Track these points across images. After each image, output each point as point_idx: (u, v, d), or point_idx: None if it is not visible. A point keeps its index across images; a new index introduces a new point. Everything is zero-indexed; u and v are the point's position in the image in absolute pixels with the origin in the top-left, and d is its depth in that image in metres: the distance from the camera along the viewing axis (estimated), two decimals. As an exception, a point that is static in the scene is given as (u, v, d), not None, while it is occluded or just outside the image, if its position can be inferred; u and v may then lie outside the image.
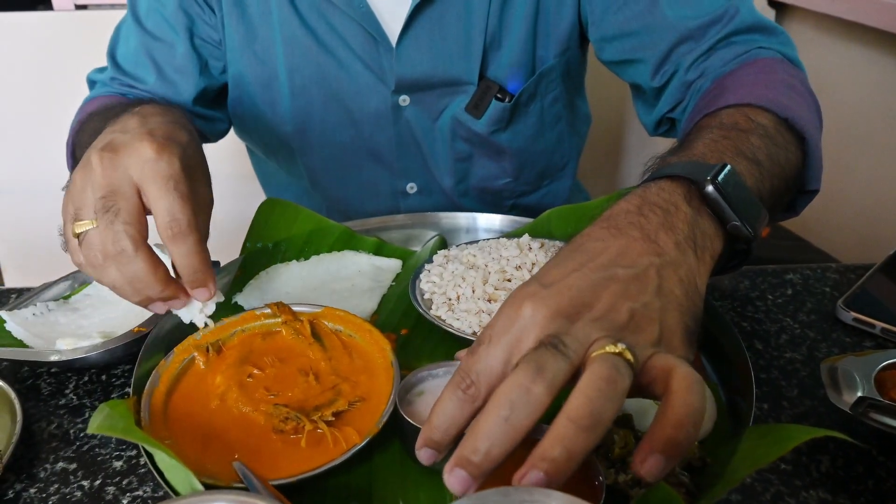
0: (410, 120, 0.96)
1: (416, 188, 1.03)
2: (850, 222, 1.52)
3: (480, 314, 0.65)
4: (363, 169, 1.01)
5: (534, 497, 0.39)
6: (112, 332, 0.71)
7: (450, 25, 0.89)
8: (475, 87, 0.92)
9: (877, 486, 0.55)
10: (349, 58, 0.91)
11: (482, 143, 0.98)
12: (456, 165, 1.01)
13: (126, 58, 0.94)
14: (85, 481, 0.58)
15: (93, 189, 0.54)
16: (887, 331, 0.73)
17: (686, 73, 0.82)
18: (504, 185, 1.04)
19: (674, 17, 0.82)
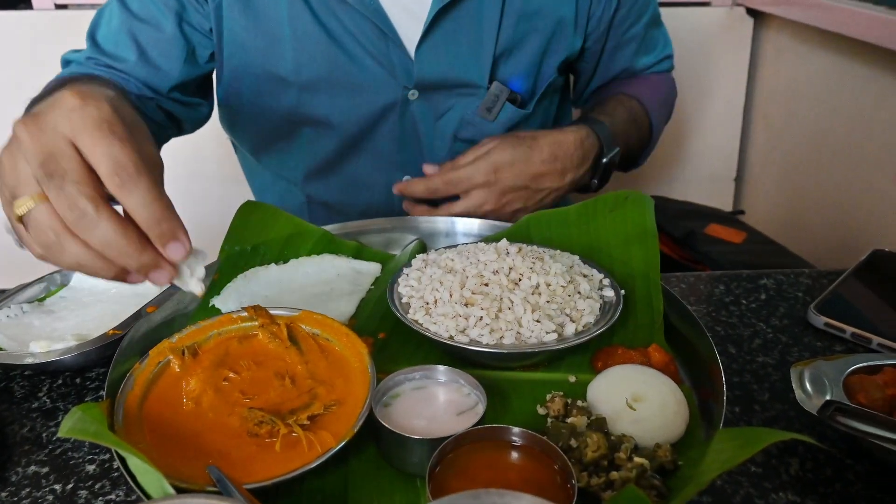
0: (415, 114, 0.98)
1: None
2: (826, 228, 1.55)
3: (457, 318, 0.66)
4: (361, 161, 1.03)
5: (504, 500, 0.39)
6: (87, 334, 0.70)
7: (464, 32, 0.93)
8: (485, 90, 0.97)
9: (844, 488, 0.56)
10: (360, 53, 0.93)
11: None
12: None
13: (107, 38, 0.92)
14: (57, 485, 0.57)
15: (27, 160, 0.47)
16: (857, 335, 0.74)
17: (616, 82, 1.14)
18: None
19: (638, 65, 1.12)
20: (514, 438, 0.54)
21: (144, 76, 0.91)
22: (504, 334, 0.65)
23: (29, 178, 0.47)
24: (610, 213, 0.84)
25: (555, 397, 0.61)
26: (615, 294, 0.71)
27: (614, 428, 0.58)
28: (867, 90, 1.42)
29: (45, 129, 0.47)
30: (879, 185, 1.39)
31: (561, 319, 0.67)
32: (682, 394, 0.62)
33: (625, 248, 0.80)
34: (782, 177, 1.72)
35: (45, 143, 0.46)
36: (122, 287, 0.81)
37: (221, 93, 0.99)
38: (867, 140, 1.42)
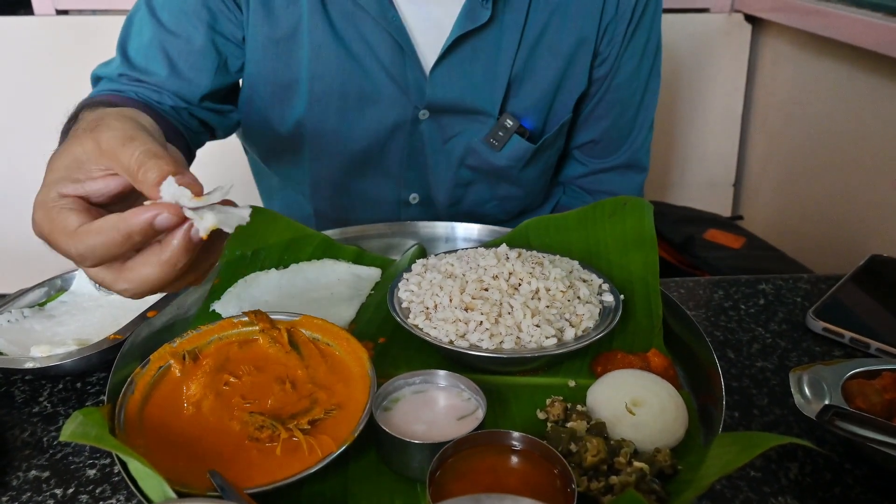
0: (424, 134, 0.98)
1: (419, 199, 1.04)
2: (824, 233, 1.55)
3: (457, 323, 0.66)
4: (369, 177, 1.03)
5: (505, 503, 0.39)
6: (87, 339, 0.70)
7: (480, 59, 0.93)
8: (494, 119, 0.97)
9: (843, 493, 0.56)
10: (375, 67, 0.92)
11: (491, 173, 1.02)
12: (454, 190, 1.04)
13: (138, 51, 0.92)
14: (58, 489, 0.58)
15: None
16: (856, 340, 0.75)
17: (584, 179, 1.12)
18: (489, 210, 1.08)
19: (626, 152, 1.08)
20: (513, 443, 0.54)
21: (176, 89, 0.91)
22: (504, 339, 0.65)
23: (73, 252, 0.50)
24: (609, 219, 0.84)
25: (554, 402, 0.62)
26: (614, 299, 0.72)
27: (614, 432, 0.58)
28: (865, 96, 1.42)
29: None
30: (877, 190, 1.39)
31: (560, 324, 0.67)
32: (681, 398, 0.62)
33: (624, 254, 0.80)
34: (780, 182, 1.73)
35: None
36: (122, 292, 0.81)
37: (240, 99, 0.99)
38: (865, 146, 1.43)
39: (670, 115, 1.81)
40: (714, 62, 1.79)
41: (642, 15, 0.97)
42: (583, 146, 1.09)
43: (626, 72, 1.00)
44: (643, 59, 1.01)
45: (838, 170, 1.50)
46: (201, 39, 0.91)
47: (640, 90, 1.04)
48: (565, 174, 1.14)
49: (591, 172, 1.11)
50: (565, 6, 0.93)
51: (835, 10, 1.42)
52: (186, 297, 0.78)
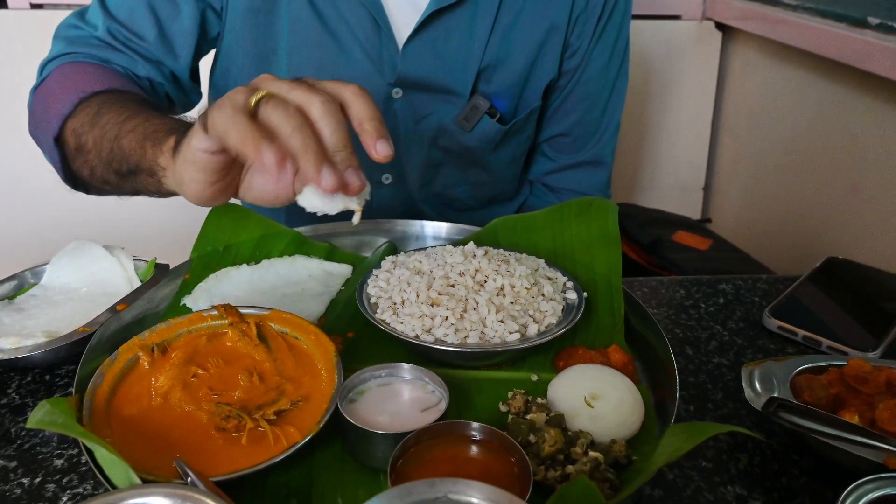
0: (398, 113, 0.99)
1: (391, 179, 1.06)
2: (786, 236, 1.59)
3: (423, 318, 0.68)
4: None
5: (458, 487, 0.41)
6: (57, 332, 0.71)
7: (454, 38, 0.95)
8: (465, 100, 0.98)
9: (790, 482, 0.59)
10: (351, 43, 0.94)
11: (461, 154, 1.04)
12: (426, 170, 1.06)
13: (120, 6, 0.89)
14: (25, 479, 0.58)
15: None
16: (808, 338, 0.78)
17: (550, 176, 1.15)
18: (459, 193, 1.10)
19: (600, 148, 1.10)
20: (473, 433, 0.56)
21: (159, 57, 0.90)
22: (469, 334, 0.67)
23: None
24: (575, 219, 0.86)
25: (516, 395, 0.64)
26: (578, 297, 0.74)
27: (572, 424, 0.60)
28: (828, 103, 1.47)
29: None
30: (837, 194, 1.43)
31: (524, 320, 0.69)
32: (638, 393, 0.64)
33: (588, 253, 0.83)
34: (747, 186, 1.77)
35: None
36: (92, 286, 0.81)
37: (215, 73, 0.99)
38: (827, 152, 1.47)
39: (642, 120, 1.85)
40: (685, 68, 1.83)
41: (612, 13, 1.00)
42: (551, 139, 1.11)
43: (596, 68, 1.03)
44: (612, 58, 1.04)
45: (802, 175, 1.55)
46: (190, 5, 0.90)
47: (608, 88, 1.07)
48: (534, 171, 1.16)
49: (558, 168, 1.13)
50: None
51: (802, 20, 1.46)
52: (157, 291, 0.78)
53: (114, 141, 0.74)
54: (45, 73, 0.90)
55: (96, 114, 0.78)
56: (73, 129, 0.80)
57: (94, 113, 0.78)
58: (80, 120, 0.80)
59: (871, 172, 1.35)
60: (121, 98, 0.80)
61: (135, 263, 0.83)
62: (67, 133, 0.81)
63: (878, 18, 1.28)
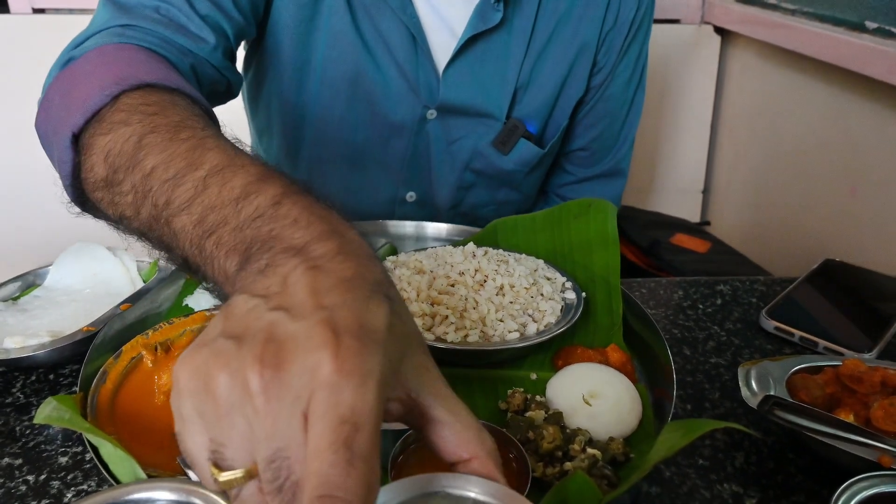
0: (430, 134, 0.99)
1: (416, 197, 1.06)
2: (785, 239, 1.60)
3: (424, 317, 0.68)
4: (368, 171, 1.04)
5: (457, 482, 0.42)
6: (61, 332, 0.72)
7: (490, 62, 0.95)
8: (501, 123, 0.99)
9: (785, 480, 0.60)
10: (388, 62, 0.94)
11: (495, 177, 1.04)
12: (456, 192, 1.06)
13: None
14: (30, 476, 0.59)
15: (249, 424, 0.32)
16: (805, 339, 0.78)
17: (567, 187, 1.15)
18: (486, 213, 1.11)
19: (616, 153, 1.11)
20: (473, 430, 0.56)
21: (238, 22, 0.81)
22: (469, 332, 0.67)
23: (246, 450, 0.33)
24: (574, 220, 0.87)
25: (515, 393, 0.64)
26: (576, 296, 0.75)
27: (570, 422, 0.61)
28: (826, 107, 1.48)
29: (283, 395, 0.32)
30: (835, 197, 1.44)
31: (524, 319, 0.70)
32: (636, 391, 0.65)
33: (587, 254, 0.83)
34: (746, 189, 1.78)
35: (279, 423, 0.32)
36: (96, 287, 0.82)
37: (265, 51, 0.98)
38: (826, 155, 1.48)
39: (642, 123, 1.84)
40: (684, 72, 1.84)
41: (638, 29, 1.02)
42: (571, 154, 1.12)
43: (619, 84, 1.04)
44: (633, 73, 1.05)
45: (800, 178, 1.56)
46: None
47: (627, 103, 1.08)
48: (551, 182, 1.17)
49: (575, 181, 1.14)
50: (570, 14, 0.97)
51: (800, 24, 1.47)
52: (159, 291, 0.79)
53: (162, 210, 0.47)
54: (79, 51, 0.67)
55: (138, 144, 0.51)
56: (107, 150, 0.54)
57: (136, 141, 0.52)
58: (115, 141, 0.53)
59: (869, 176, 1.36)
60: (171, 118, 0.53)
61: (138, 264, 0.84)
62: (94, 147, 0.55)
63: (875, 23, 1.29)
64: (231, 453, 0.33)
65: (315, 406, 0.31)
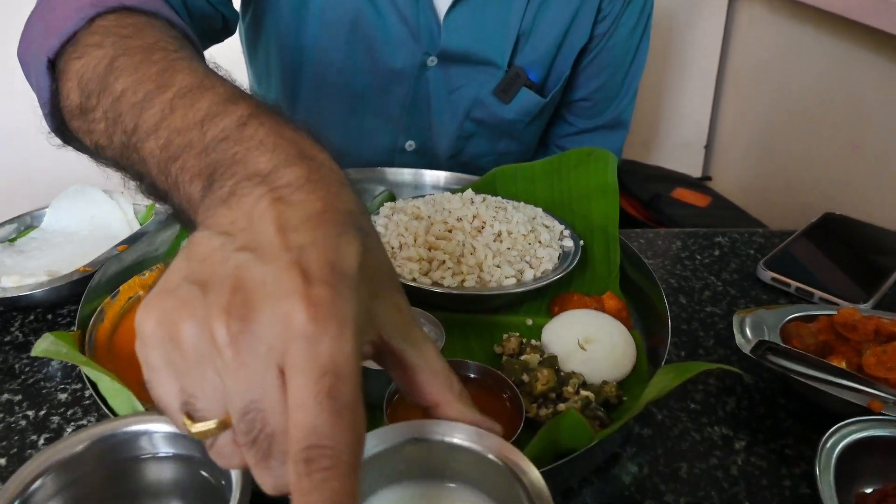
0: (431, 82, 0.98)
1: (415, 146, 1.05)
2: (787, 194, 1.60)
3: (421, 262, 0.68)
4: (367, 119, 1.02)
5: (441, 429, 0.42)
6: (58, 272, 0.72)
7: (491, 7, 0.93)
8: (503, 72, 0.97)
9: (775, 424, 0.61)
10: (388, 6, 0.92)
11: (495, 127, 1.02)
12: (456, 142, 1.05)
13: None
14: (30, 411, 0.60)
15: (219, 373, 0.31)
16: (801, 290, 0.78)
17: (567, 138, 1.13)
18: (485, 163, 1.09)
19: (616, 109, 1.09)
20: (468, 372, 0.57)
21: None
22: (465, 278, 0.67)
23: (218, 400, 0.32)
24: (574, 169, 0.86)
25: (510, 337, 0.65)
26: (574, 244, 0.74)
27: (565, 366, 0.62)
28: (834, 60, 1.45)
29: (255, 349, 0.30)
30: (839, 153, 1.43)
31: (521, 266, 0.70)
32: (631, 338, 0.65)
33: (586, 203, 0.83)
34: (750, 144, 1.76)
35: (252, 378, 0.31)
36: (93, 229, 0.82)
37: (247, 10, 0.96)
38: (831, 109, 1.46)
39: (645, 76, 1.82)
40: (690, 23, 1.80)
41: None
42: (572, 104, 1.10)
43: (623, 32, 1.02)
44: (638, 22, 1.03)
45: (804, 133, 1.54)
46: None
47: (631, 52, 1.06)
48: (552, 133, 1.16)
49: (575, 132, 1.13)
50: None
51: (810, -26, 1.44)
52: (156, 234, 0.79)
53: (131, 136, 0.46)
54: None
55: (109, 67, 0.50)
56: (80, 74, 0.52)
57: (107, 64, 0.50)
58: (88, 64, 0.52)
59: (873, 130, 1.35)
60: (145, 41, 0.51)
61: (134, 207, 0.83)
62: (69, 72, 0.54)
63: (887, -28, 1.26)
64: (203, 404, 0.32)
65: (292, 359, 0.30)
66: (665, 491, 0.53)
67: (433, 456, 0.42)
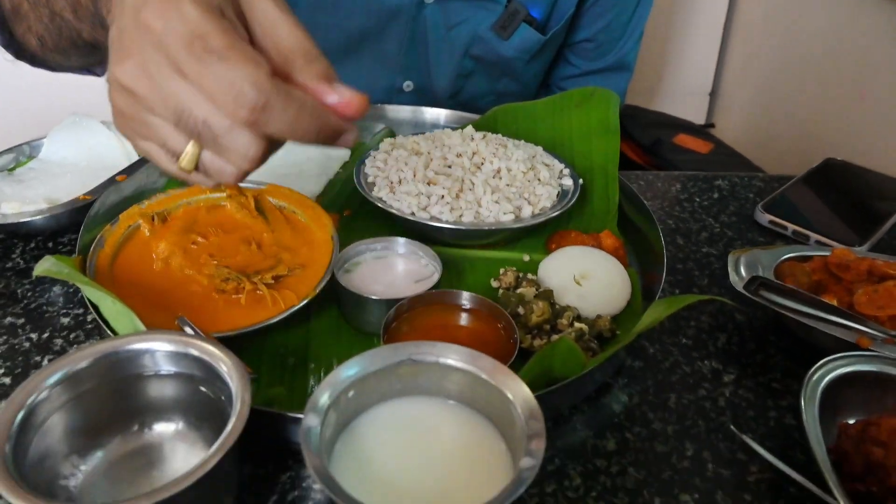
0: (428, 19, 0.95)
1: (413, 87, 1.04)
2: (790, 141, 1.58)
3: (420, 196, 0.69)
4: (364, 59, 1.00)
5: (421, 349, 0.43)
6: (58, 200, 0.72)
7: None
8: (502, 7, 0.94)
9: (765, 360, 0.62)
10: None
11: (495, 65, 1.00)
12: (455, 80, 1.03)
13: None
14: (33, 334, 0.61)
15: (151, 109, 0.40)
16: (798, 233, 0.79)
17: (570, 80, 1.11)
18: (485, 104, 1.07)
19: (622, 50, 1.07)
20: (464, 302, 0.58)
21: None
22: (464, 213, 0.68)
23: (171, 129, 0.40)
24: (576, 108, 0.86)
25: (507, 271, 0.65)
26: (573, 183, 0.74)
27: (560, 301, 0.63)
28: (841, 8, 1.42)
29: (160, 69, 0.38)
30: (845, 100, 1.41)
31: (519, 202, 0.70)
32: (627, 275, 0.66)
33: (587, 142, 0.82)
34: (756, 92, 1.74)
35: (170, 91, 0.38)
36: (91, 160, 0.82)
37: None
38: (837, 57, 1.43)
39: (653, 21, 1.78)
40: (701, -34, 1.76)
41: None
42: (576, 45, 1.08)
43: None
44: None
45: (810, 81, 1.52)
46: None
47: None
48: (554, 74, 1.14)
49: (579, 74, 1.11)
50: None
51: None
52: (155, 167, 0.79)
53: (45, 5, 0.60)
54: None
55: None
56: None
57: None
58: None
59: (879, 78, 1.33)
60: None
61: (133, 139, 0.83)
62: None
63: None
64: (171, 143, 0.41)
65: (174, 51, 0.37)
66: (653, 419, 0.55)
67: (428, 376, 0.44)
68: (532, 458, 0.36)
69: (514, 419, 0.40)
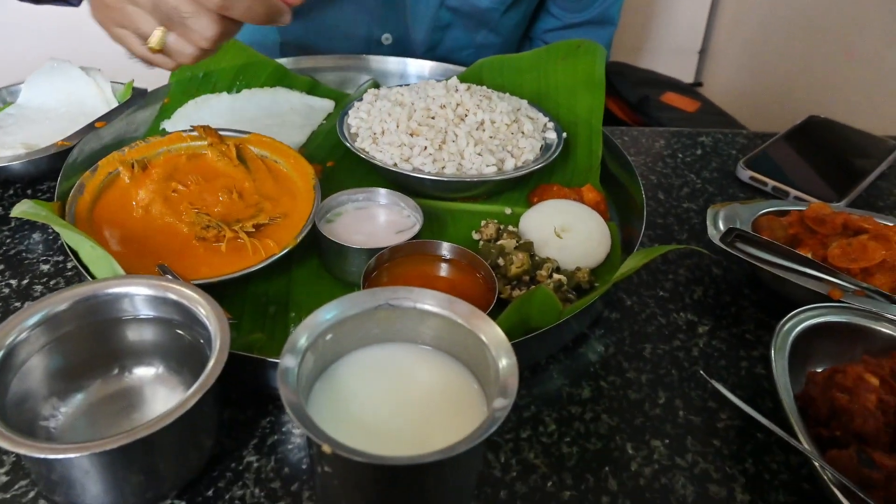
0: None
1: (391, 40, 1.02)
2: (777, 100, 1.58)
3: (402, 147, 0.68)
4: (342, 10, 0.98)
5: (397, 294, 0.43)
6: (36, 146, 0.71)
7: None
8: None
9: (739, 312, 0.63)
10: None
11: (472, 16, 0.98)
12: (432, 33, 1.01)
13: None
14: (13, 280, 0.61)
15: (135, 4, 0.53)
16: (778, 189, 0.80)
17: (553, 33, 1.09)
18: (464, 57, 1.06)
19: None
20: (444, 252, 0.58)
21: None
22: (446, 164, 0.68)
23: (143, 17, 0.53)
24: (562, 61, 0.85)
25: (489, 223, 0.66)
26: (557, 136, 0.74)
27: (541, 253, 0.63)
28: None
29: None
30: (832, 61, 1.41)
31: (502, 155, 0.70)
32: (607, 228, 0.66)
33: (572, 96, 0.82)
34: (744, 51, 1.73)
35: None
36: (70, 106, 0.80)
37: None
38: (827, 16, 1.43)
39: (644, -25, 1.77)
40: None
41: None
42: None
43: None
44: None
45: (799, 40, 1.51)
46: None
47: None
48: (536, 27, 1.12)
49: (562, 27, 1.09)
50: None
51: None
52: (135, 114, 0.78)
53: None
54: None
55: None
56: None
57: None
58: None
59: (867, 38, 1.32)
60: None
61: (112, 86, 0.82)
62: None
63: None
64: (144, 27, 0.53)
65: None
66: (628, 368, 0.56)
67: (405, 321, 0.44)
68: (505, 398, 0.37)
69: (489, 362, 0.40)
